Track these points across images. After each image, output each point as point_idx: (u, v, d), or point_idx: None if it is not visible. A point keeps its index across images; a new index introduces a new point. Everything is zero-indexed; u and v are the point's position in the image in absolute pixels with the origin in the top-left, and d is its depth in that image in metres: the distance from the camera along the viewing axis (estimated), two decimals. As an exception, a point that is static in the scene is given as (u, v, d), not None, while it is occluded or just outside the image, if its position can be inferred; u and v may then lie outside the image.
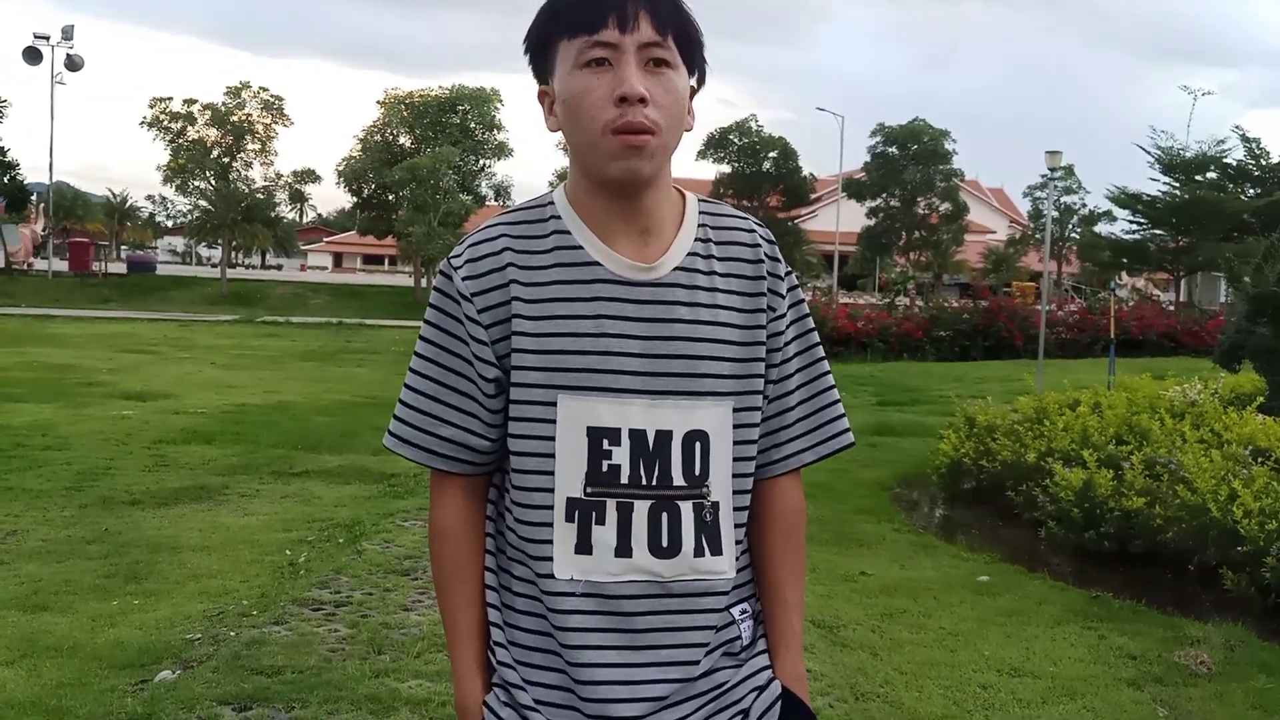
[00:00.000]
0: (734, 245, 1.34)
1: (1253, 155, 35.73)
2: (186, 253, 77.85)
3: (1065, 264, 50.80)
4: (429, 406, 1.32)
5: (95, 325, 23.41)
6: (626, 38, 1.21)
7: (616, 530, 1.25)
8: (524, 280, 1.27)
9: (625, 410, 1.25)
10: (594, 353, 1.25)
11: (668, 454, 1.26)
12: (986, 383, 14.57)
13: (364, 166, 34.67)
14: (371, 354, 19.31)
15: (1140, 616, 4.77)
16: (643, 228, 1.29)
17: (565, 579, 1.25)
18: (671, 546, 1.26)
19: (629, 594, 1.25)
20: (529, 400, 1.26)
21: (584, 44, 1.22)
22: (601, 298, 1.26)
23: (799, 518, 1.41)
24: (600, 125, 1.21)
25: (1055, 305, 26.13)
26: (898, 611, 4.71)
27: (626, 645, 1.25)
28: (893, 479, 7.96)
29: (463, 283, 1.28)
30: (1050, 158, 18.12)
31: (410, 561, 5.17)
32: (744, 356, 1.31)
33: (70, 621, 4.22)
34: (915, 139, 42.10)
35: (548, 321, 1.26)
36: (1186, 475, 5.35)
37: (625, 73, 1.20)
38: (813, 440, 1.40)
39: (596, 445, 1.25)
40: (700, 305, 1.29)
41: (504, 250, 1.29)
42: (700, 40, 1.28)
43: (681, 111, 1.26)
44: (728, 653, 1.32)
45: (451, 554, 1.33)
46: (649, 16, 1.22)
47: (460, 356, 1.30)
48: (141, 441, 8.45)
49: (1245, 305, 7.89)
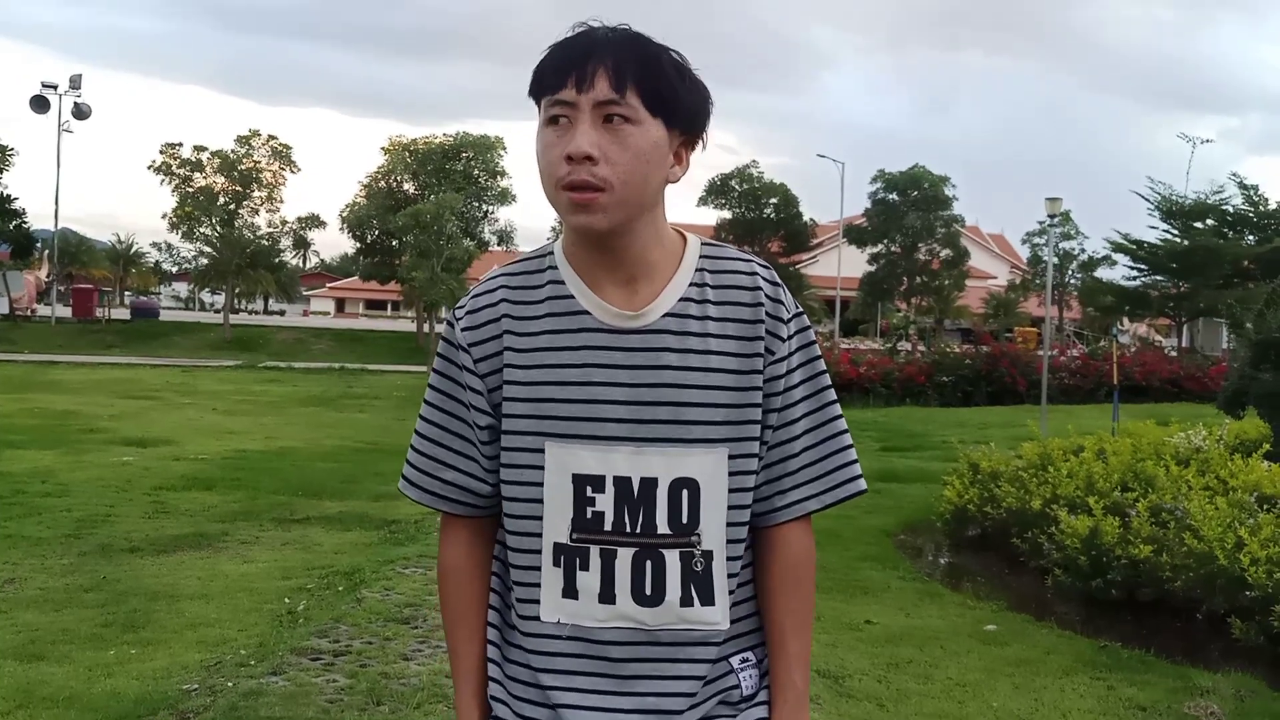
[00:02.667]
0: (732, 289, 1.34)
1: (1251, 202, 35.97)
2: (190, 298, 78.17)
3: (1066, 309, 50.89)
4: (434, 451, 1.37)
5: (97, 371, 23.43)
6: (582, 97, 1.23)
7: (600, 576, 1.26)
8: (517, 330, 1.31)
9: (609, 457, 1.27)
10: (580, 401, 1.27)
11: (652, 502, 1.27)
12: (990, 428, 14.52)
13: (368, 212, 34.88)
14: (374, 399, 19.30)
15: (1149, 666, 4.70)
16: (629, 276, 1.30)
17: (552, 621, 1.28)
18: (655, 595, 1.27)
19: (614, 640, 1.27)
20: (519, 447, 1.30)
21: (548, 103, 1.26)
22: (589, 346, 1.28)
23: (806, 567, 1.38)
24: (554, 181, 1.25)
25: (1058, 351, 26.14)
26: (904, 661, 4.65)
27: (611, 690, 1.27)
28: (897, 525, 7.90)
29: (462, 333, 1.33)
30: (1050, 204, 18.23)
31: (411, 609, 5.12)
32: (739, 402, 1.30)
33: (67, 671, 4.17)
34: (916, 185, 42.35)
35: (537, 370, 1.29)
36: (1193, 523, 5.31)
37: (575, 131, 1.23)
38: (820, 486, 1.37)
39: (581, 492, 1.27)
40: (691, 351, 1.29)
41: (500, 302, 1.33)
42: (676, 92, 1.27)
43: (644, 165, 1.25)
44: (725, 701, 1.32)
45: (455, 593, 1.37)
46: (607, 75, 1.23)
47: (461, 403, 1.34)
48: (141, 488, 8.42)
49: (1248, 351, 7.88)
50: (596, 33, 1.27)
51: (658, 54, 1.27)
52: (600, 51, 1.24)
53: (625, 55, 1.24)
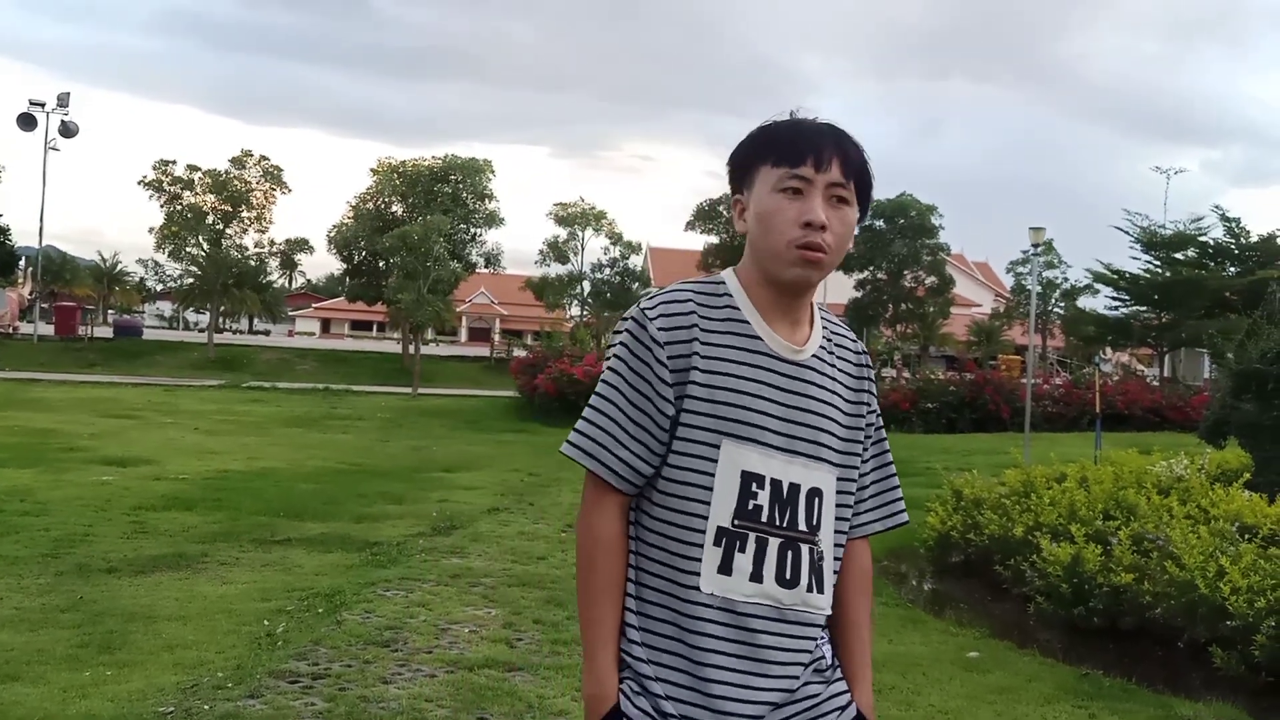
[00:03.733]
0: (843, 348, 1.67)
1: (1232, 234, 36.35)
2: (174, 317, 77.81)
3: (1050, 338, 51.21)
4: (612, 428, 1.54)
5: (79, 390, 23.27)
6: (819, 176, 1.52)
7: (753, 559, 1.51)
8: (704, 340, 1.53)
9: (769, 461, 1.53)
10: (753, 410, 1.52)
11: (796, 503, 1.54)
12: (973, 455, 14.56)
13: (355, 233, 34.86)
14: (357, 420, 19.22)
15: (1131, 695, 4.70)
16: (795, 319, 1.60)
17: (707, 593, 1.50)
18: (793, 579, 1.53)
19: (755, 614, 1.51)
20: (696, 440, 1.52)
21: (784, 174, 1.52)
22: (762, 367, 1.54)
23: (870, 574, 1.73)
24: (786, 240, 1.52)
25: (1041, 379, 26.27)
26: (886, 688, 4.63)
27: (749, 656, 1.51)
28: (881, 551, 7.90)
29: (658, 331, 1.53)
30: (1034, 233, 18.38)
31: (391, 632, 5.08)
32: (848, 437, 1.62)
33: (41, 693, 4.12)
34: (902, 213, 42.64)
35: (719, 377, 1.52)
36: (1174, 551, 5.33)
37: (814, 203, 1.52)
38: (881, 514, 1.71)
39: (746, 486, 1.52)
40: (826, 388, 1.59)
41: (692, 312, 1.55)
42: (872, 186, 1.59)
43: (849, 239, 1.57)
44: (817, 670, 1.59)
45: (608, 563, 1.55)
46: (839, 163, 1.53)
47: (644, 394, 1.53)
48: (121, 508, 8.34)
49: (1230, 381, 7.94)
50: (818, 122, 1.57)
51: (863, 152, 1.58)
52: (831, 142, 1.54)
53: (849, 150, 1.55)
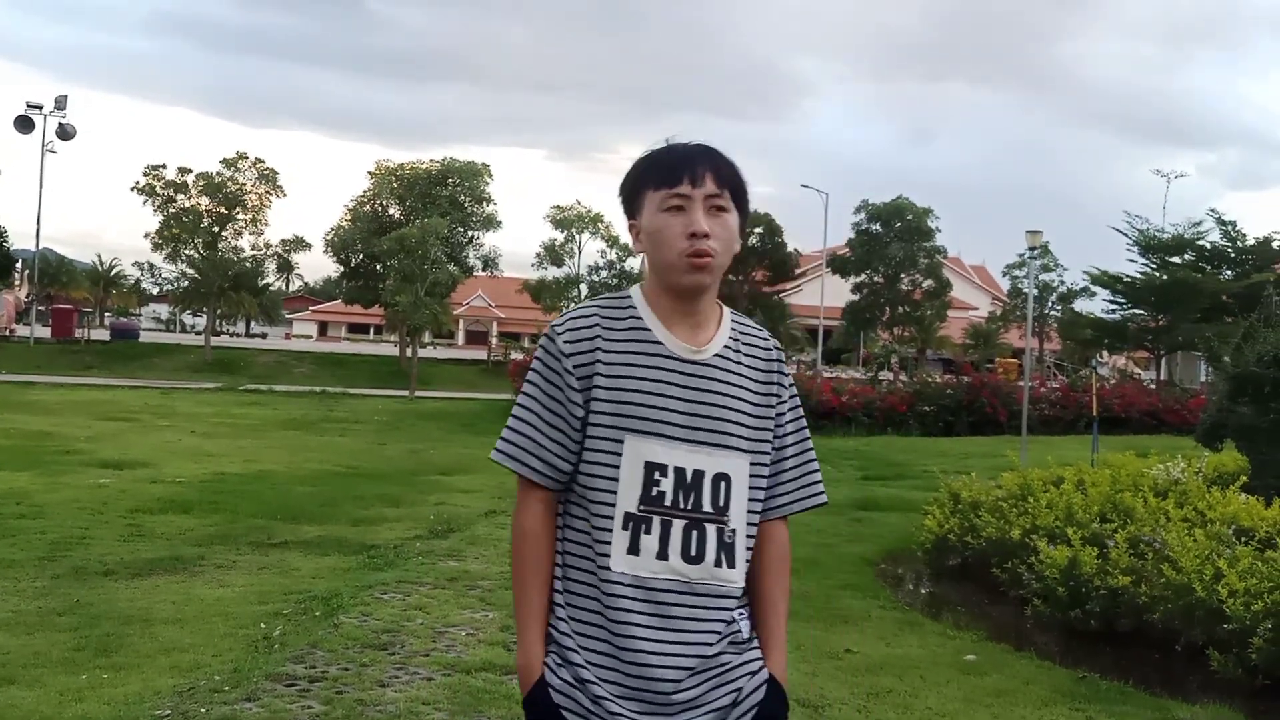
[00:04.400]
0: (754, 347, 1.82)
1: (1229, 238, 36.37)
2: (171, 320, 77.71)
3: (1046, 341, 51.26)
4: (532, 433, 1.73)
5: (76, 392, 23.24)
6: (696, 191, 1.72)
7: (659, 539, 1.68)
8: (606, 349, 1.72)
9: (673, 451, 1.69)
10: (653, 407, 1.70)
11: (701, 488, 1.70)
12: (970, 458, 14.57)
13: (352, 236, 34.84)
14: (354, 423, 19.20)
15: (1128, 698, 4.71)
16: (695, 323, 1.77)
17: (619, 572, 1.67)
18: (698, 556, 1.69)
19: (665, 588, 1.67)
20: (603, 437, 1.70)
21: (666, 194, 1.72)
22: (661, 368, 1.72)
23: (787, 552, 1.87)
24: (677, 251, 1.71)
25: (1038, 382, 26.29)
26: (884, 691, 4.64)
27: (661, 627, 1.66)
28: (878, 554, 7.90)
29: (564, 345, 1.73)
30: (1030, 237, 18.42)
31: (388, 635, 5.07)
32: (757, 426, 1.77)
33: (37, 696, 4.11)
34: (899, 216, 42.66)
35: (620, 380, 1.71)
36: (1171, 554, 5.34)
37: (695, 216, 1.71)
38: (800, 495, 1.86)
39: (650, 475, 1.69)
40: (730, 384, 1.75)
41: (595, 325, 1.75)
42: (747, 191, 1.79)
43: (733, 242, 1.76)
44: (733, 641, 1.74)
45: (533, 551, 1.73)
46: (712, 177, 1.73)
47: (557, 399, 1.72)
48: (117, 510, 8.33)
49: (1226, 385, 7.95)
50: (689, 144, 1.77)
51: (734, 165, 1.77)
52: (703, 160, 1.74)
53: (720, 165, 1.75)
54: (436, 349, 49.17)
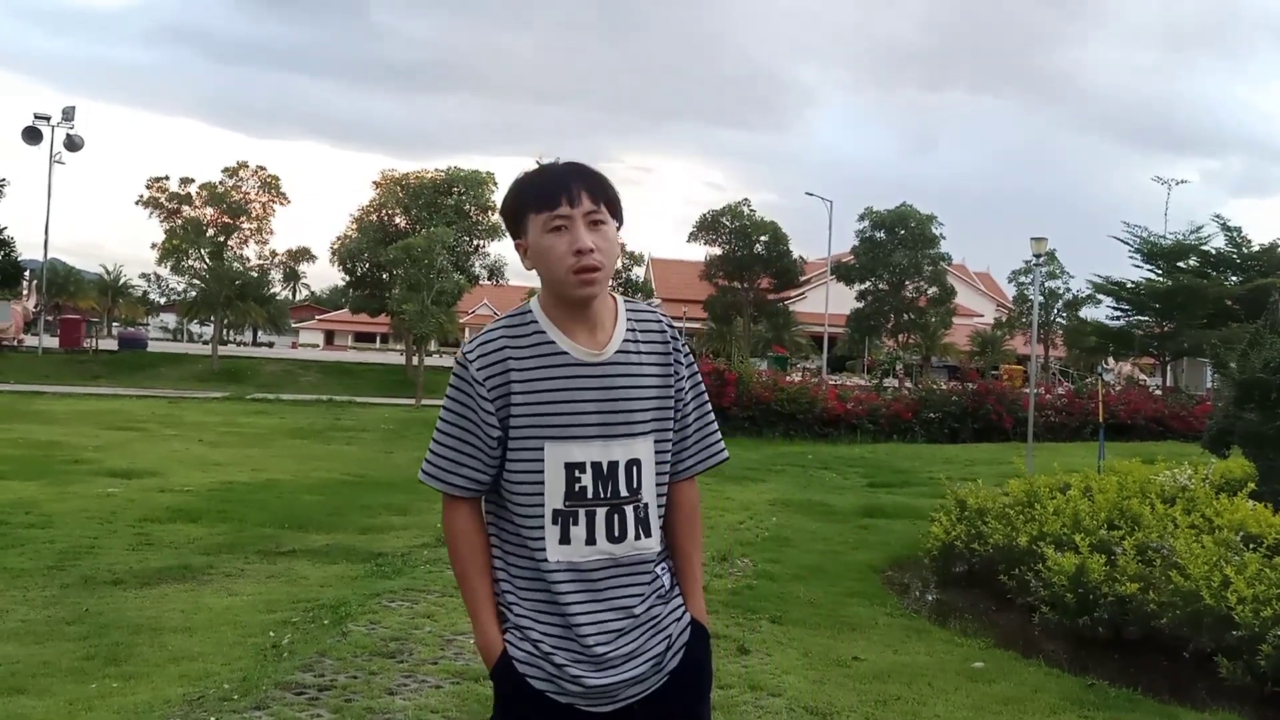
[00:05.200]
0: (651, 332, 1.98)
1: (1234, 244, 36.33)
2: (178, 329, 77.91)
3: (1052, 348, 51.18)
4: (451, 455, 1.91)
5: (84, 402, 23.30)
6: (575, 210, 1.87)
7: (585, 528, 1.88)
8: (517, 367, 1.87)
9: (588, 449, 1.88)
10: (566, 413, 1.87)
11: (617, 476, 1.90)
12: (976, 465, 14.55)
13: (358, 245, 34.89)
14: (361, 432, 19.22)
15: (1136, 705, 4.70)
16: (591, 326, 1.92)
17: (554, 561, 1.87)
18: (620, 535, 1.91)
19: (594, 567, 1.89)
20: (525, 446, 1.87)
21: (548, 217, 1.87)
22: (569, 375, 1.88)
23: (696, 505, 2.09)
24: (565, 268, 1.86)
25: (1043, 389, 26.25)
26: (891, 698, 4.63)
27: (594, 599, 1.89)
28: (884, 561, 7.90)
29: (477, 371, 1.88)
30: (1036, 244, 18.40)
31: (397, 643, 5.08)
32: (661, 406, 1.96)
33: (47, 705, 4.13)
34: (903, 223, 42.71)
35: (533, 393, 1.86)
36: (1179, 561, 5.33)
37: (578, 234, 1.86)
38: (703, 456, 2.07)
39: (570, 474, 1.87)
40: (633, 375, 1.92)
41: (503, 347, 1.89)
42: (619, 200, 1.95)
43: (615, 251, 1.93)
44: (659, 595, 1.97)
45: (468, 546, 1.93)
46: (587, 194, 1.88)
47: (473, 422, 1.89)
48: (126, 520, 8.35)
49: (1233, 391, 7.94)
50: (560, 166, 1.92)
51: (604, 179, 1.93)
52: (577, 179, 1.89)
53: (592, 181, 1.90)
54: (442, 357, 49.24)
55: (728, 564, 7.47)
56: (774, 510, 10.36)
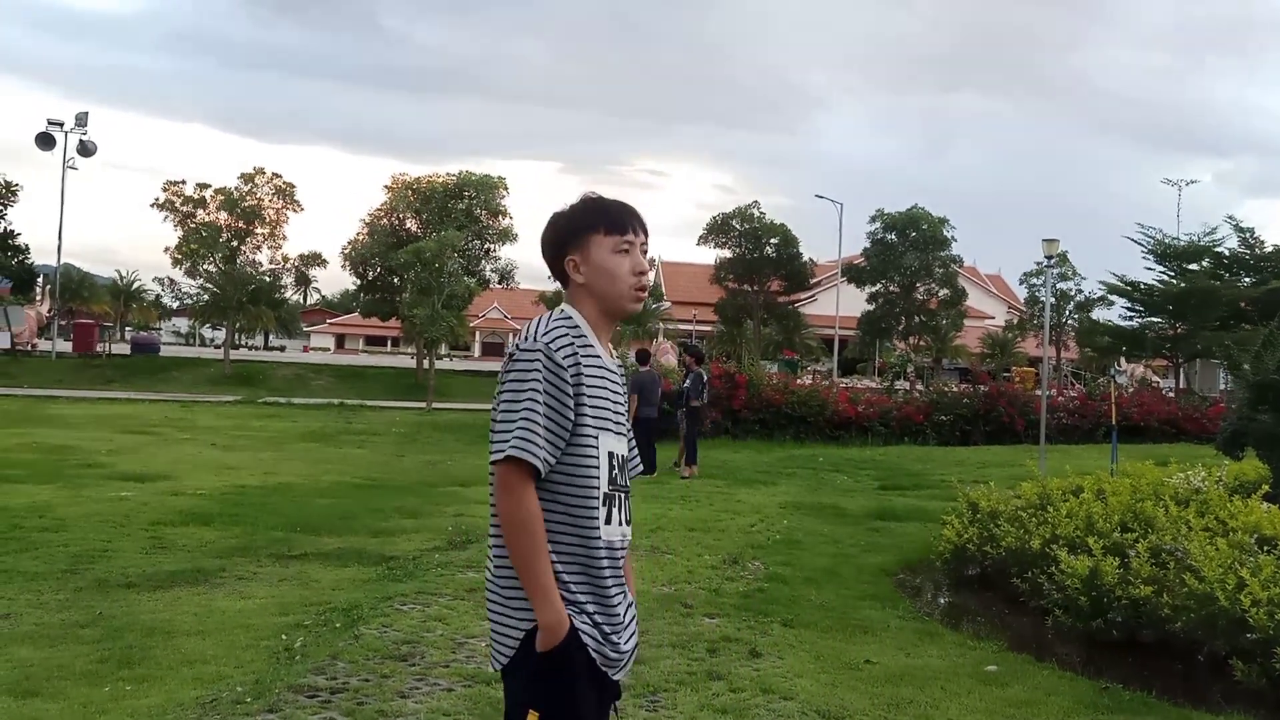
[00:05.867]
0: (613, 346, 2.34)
1: (1247, 245, 36.11)
2: (190, 333, 78.27)
3: (1064, 350, 50.97)
4: (542, 434, 2.08)
5: (97, 406, 23.42)
6: (636, 239, 2.27)
7: (619, 511, 2.21)
8: (583, 363, 2.15)
9: (616, 442, 2.22)
10: (608, 408, 2.19)
11: (626, 467, 2.27)
12: (988, 467, 14.50)
13: (370, 249, 34.97)
14: (372, 435, 19.27)
15: (1150, 709, 4.68)
16: (608, 338, 2.28)
17: (603, 541, 2.15)
18: (630, 519, 2.28)
19: (620, 547, 2.22)
20: (587, 434, 2.14)
21: (617, 240, 2.24)
22: (605, 376, 2.21)
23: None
24: (628, 286, 2.25)
25: (1055, 391, 26.14)
26: (904, 701, 4.62)
27: (620, 578, 2.21)
28: (896, 564, 7.87)
29: (563, 359, 2.11)
30: (1047, 245, 18.35)
31: (408, 646, 5.09)
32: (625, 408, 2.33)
33: (61, 708, 4.15)
34: (914, 225, 42.58)
35: (592, 389, 2.15)
36: (1193, 564, 5.30)
37: (639, 259, 2.28)
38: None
39: (609, 462, 2.19)
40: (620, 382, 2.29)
41: (571, 343, 2.15)
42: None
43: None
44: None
45: (541, 529, 2.08)
46: (644, 229, 2.30)
47: (563, 404, 2.10)
48: (139, 523, 8.39)
49: (1247, 393, 7.90)
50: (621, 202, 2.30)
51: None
52: (638, 216, 2.29)
53: (644, 220, 2.30)
54: (453, 361, 49.32)
55: (739, 567, 7.46)
56: (785, 513, 10.35)
